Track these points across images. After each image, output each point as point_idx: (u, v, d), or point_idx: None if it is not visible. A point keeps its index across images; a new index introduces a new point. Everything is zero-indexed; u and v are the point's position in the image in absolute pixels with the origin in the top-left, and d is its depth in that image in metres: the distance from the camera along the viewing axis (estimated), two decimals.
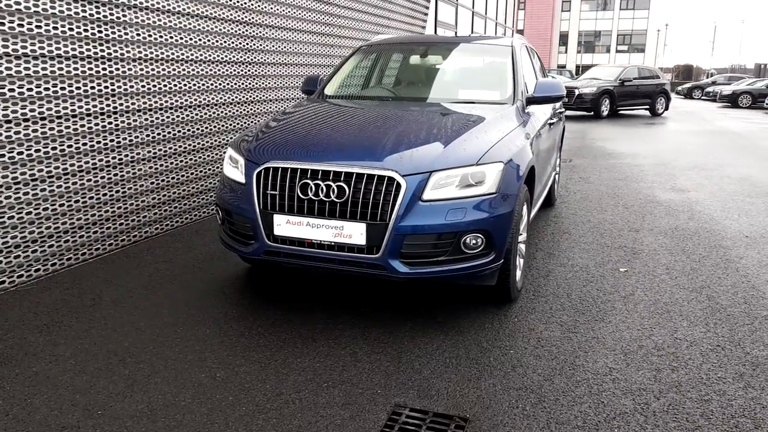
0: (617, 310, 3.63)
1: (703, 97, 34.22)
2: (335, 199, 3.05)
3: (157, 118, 4.91)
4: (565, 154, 10.27)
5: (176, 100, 5.09)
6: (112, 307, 3.52)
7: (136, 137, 4.71)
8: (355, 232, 3.05)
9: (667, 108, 20.43)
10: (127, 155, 4.63)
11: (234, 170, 3.48)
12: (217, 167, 5.71)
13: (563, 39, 73.53)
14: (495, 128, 3.58)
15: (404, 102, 4.32)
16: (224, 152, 5.74)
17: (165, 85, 4.95)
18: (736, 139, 13.28)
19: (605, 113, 18.70)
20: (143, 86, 4.73)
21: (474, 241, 3.13)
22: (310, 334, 3.21)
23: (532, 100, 4.28)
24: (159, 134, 4.94)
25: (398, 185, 3.01)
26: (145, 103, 4.76)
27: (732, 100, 26.91)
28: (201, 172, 5.50)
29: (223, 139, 5.77)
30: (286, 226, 3.15)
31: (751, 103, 26.40)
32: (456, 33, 17.36)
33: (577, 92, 18.23)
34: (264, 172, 3.22)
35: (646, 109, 20.08)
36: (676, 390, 2.74)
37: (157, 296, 3.71)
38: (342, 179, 3.07)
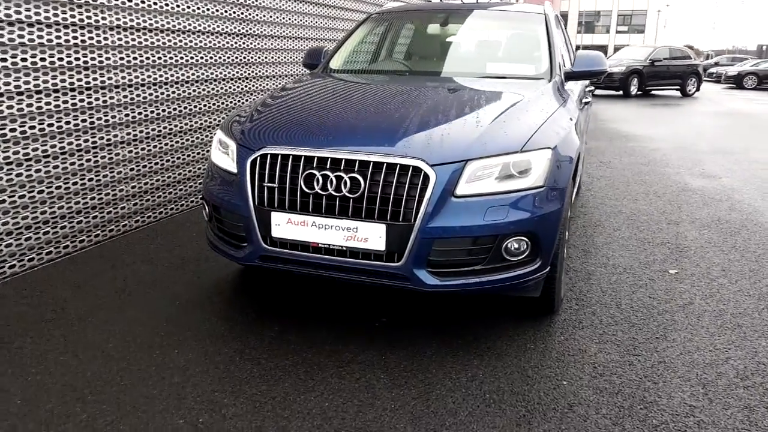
0: (679, 323, 3.05)
1: (705, 78, 33.54)
2: (348, 194, 2.45)
3: (138, 96, 4.26)
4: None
5: (160, 75, 4.44)
6: (76, 323, 2.92)
7: (113, 117, 4.07)
8: (372, 235, 2.45)
9: (698, 89, 20.07)
10: (102, 138, 3.99)
11: (224, 157, 2.87)
12: (207, 150, 5.08)
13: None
14: (536, 108, 2.98)
15: (423, 77, 3.69)
16: (214, 135, 5.11)
17: (147, 58, 4.30)
18: (750, 120, 12.71)
19: (634, 92, 18.99)
20: (122, 59, 4.08)
21: (517, 246, 2.54)
22: (315, 359, 2.63)
23: (571, 76, 3.67)
24: (140, 114, 4.30)
25: (426, 177, 2.41)
26: (123, 78, 4.11)
27: (737, 81, 26.32)
28: (188, 156, 4.87)
29: (215, 120, 5.14)
30: (286, 226, 2.56)
31: (757, 84, 25.81)
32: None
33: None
34: (260, 160, 2.61)
35: (676, 89, 19.79)
36: None
37: (133, 307, 3.11)
38: (356, 169, 2.46)
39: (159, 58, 4.42)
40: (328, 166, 2.49)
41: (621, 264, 3.87)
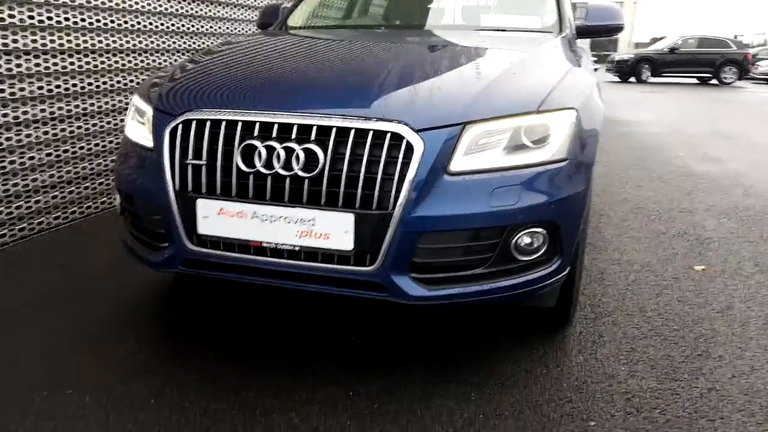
0: (721, 334, 2.45)
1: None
2: (301, 173, 1.78)
3: (52, 66, 3.50)
4: None
5: (78, 41, 3.68)
6: None
7: (21, 91, 3.31)
8: (335, 230, 1.78)
9: (740, 78, 20.13)
10: (6, 116, 3.24)
11: (140, 128, 2.18)
12: None
13: None
14: (551, 62, 2.33)
15: (404, 32, 3.02)
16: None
17: (59, 21, 3.53)
18: (734, 105, 12.32)
19: (646, 78, 20.04)
20: (26, 19, 3.32)
21: (530, 241, 1.89)
22: (258, 400, 1.94)
23: (584, 30, 3.02)
24: (55, 88, 3.53)
25: (409, 147, 1.74)
26: (31, 42, 3.35)
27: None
28: (116, 140, 4.12)
29: None
30: (218, 218, 1.87)
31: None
32: None
33: (617, 58, 20.75)
34: (182, 129, 1.92)
35: (708, 76, 20.15)
36: None
37: (32, 328, 2.40)
38: (313, 137, 1.79)
39: (75, 21, 3.65)
40: (274, 135, 1.81)
41: (637, 260, 3.25)
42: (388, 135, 1.75)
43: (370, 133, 1.75)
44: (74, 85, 3.63)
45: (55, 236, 3.46)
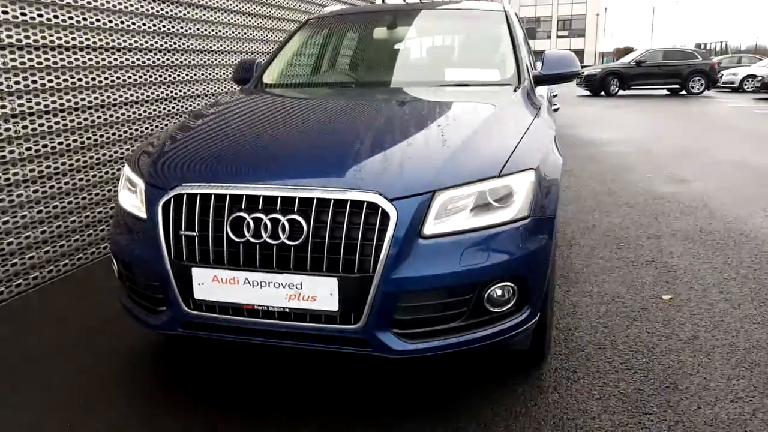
0: (688, 365, 2.61)
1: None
2: (287, 241, 1.92)
3: (40, 126, 3.61)
4: None
5: (66, 100, 3.80)
6: None
7: (11, 153, 3.42)
8: (321, 292, 1.92)
9: (708, 88, 20.80)
10: None
11: (132, 198, 2.30)
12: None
13: None
14: (512, 120, 2.51)
15: (373, 89, 3.19)
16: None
17: (50, 81, 3.65)
18: (700, 119, 12.71)
19: (615, 91, 20.85)
20: (17, 82, 3.44)
21: (502, 294, 2.05)
22: None
23: (541, 80, 3.21)
24: (44, 146, 3.65)
25: (385, 215, 1.89)
26: (19, 105, 3.46)
27: None
28: (107, 191, 4.23)
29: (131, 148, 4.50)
30: (212, 285, 2.00)
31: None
32: None
33: (585, 73, 21.44)
34: (174, 203, 2.05)
35: (676, 88, 20.88)
36: None
37: (27, 389, 2.49)
38: (296, 209, 1.93)
39: (64, 79, 3.78)
40: (260, 207, 1.95)
41: (607, 291, 3.43)
42: (365, 204, 1.89)
43: (349, 203, 1.90)
44: (60, 143, 3.74)
45: (50, 290, 3.54)
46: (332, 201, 1.91)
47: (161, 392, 2.45)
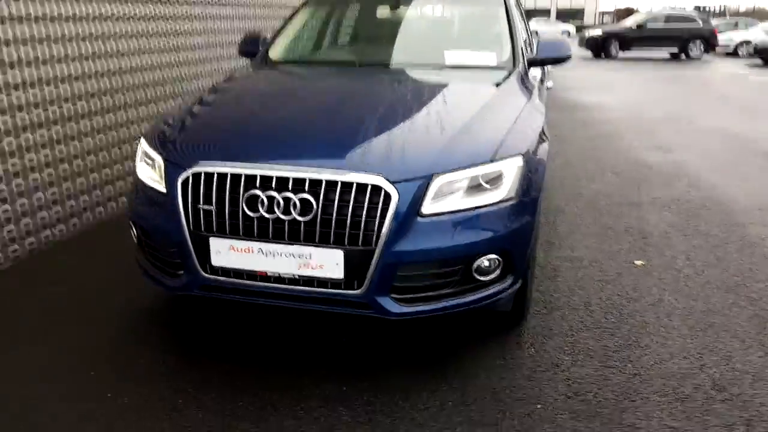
0: (651, 326, 2.93)
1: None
2: (298, 217, 2.18)
3: (50, 92, 3.81)
4: None
5: (71, 68, 3.98)
6: None
7: (24, 119, 3.62)
8: (328, 262, 2.19)
9: (707, 52, 20.98)
10: (10, 142, 3.56)
11: (150, 172, 2.54)
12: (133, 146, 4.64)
13: None
14: (504, 106, 2.75)
15: (377, 69, 3.39)
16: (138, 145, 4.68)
17: (50, 50, 3.83)
18: (694, 84, 12.89)
19: (615, 54, 21.09)
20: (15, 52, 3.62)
21: (489, 265, 2.33)
22: (269, 397, 2.37)
23: (534, 62, 3.44)
24: (54, 112, 3.85)
25: (387, 196, 2.15)
26: (21, 75, 3.65)
27: None
28: (114, 155, 4.44)
29: (139, 115, 4.69)
30: (228, 253, 2.27)
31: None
32: None
33: (587, 35, 22.15)
34: (193, 180, 2.29)
35: (676, 52, 21.02)
36: None
37: (55, 341, 2.78)
38: (307, 189, 2.18)
39: (64, 49, 3.95)
40: (273, 186, 2.20)
41: (586, 256, 3.73)
42: (370, 186, 2.15)
43: (355, 185, 2.16)
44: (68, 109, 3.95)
45: (60, 250, 3.81)
46: (340, 182, 2.16)
47: (177, 347, 2.75)
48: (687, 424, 2.25)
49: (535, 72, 3.66)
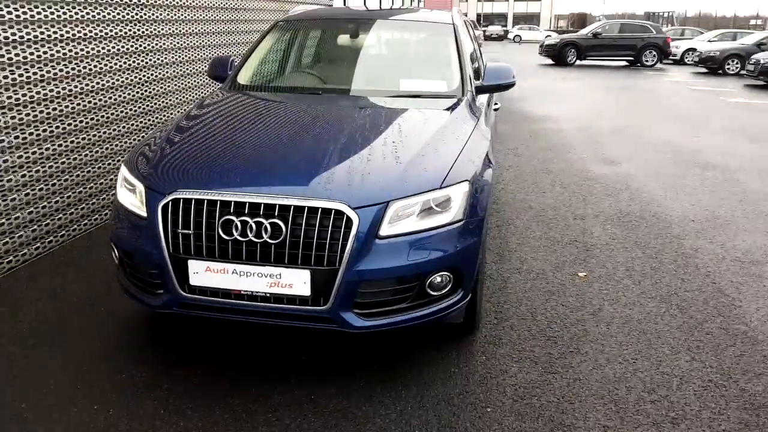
0: (591, 334, 3.22)
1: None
2: (269, 240, 2.39)
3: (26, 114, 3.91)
4: None
5: (45, 90, 4.09)
6: None
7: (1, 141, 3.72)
8: (296, 281, 2.41)
9: (660, 61, 21.88)
10: None
11: (131, 197, 2.71)
12: (115, 162, 4.76)
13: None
14: (453, 134, 3.00)
15: (338, 96, 3.63)
16: (119, 171, 4.79)
17: (20, 72, 3.94)
18: (644, 94, 13.48)
19: (571, 61, 22.03)
20: None
21: (440, 281, 2.58)
22: (243, 405, 2.57)
23: (481, 90, 3.73)
24: (38, 132, 3.95)
25: (349, 220, 2.38)
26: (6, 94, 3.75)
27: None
28: (98, 168, 4.55)
29: (117, 129, 4.81)
30: (205, 274, 2.46)
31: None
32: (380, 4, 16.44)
33: (545, 42, 23.13)
34: (172, 205, 2.48)
35: (630, 60, 21.86)
36: None
37: (42, 355, 2.91)
38: (276, 214, 2.39)
39: (34, 72, 4.06)
40: (246, 211, 2.40)
41: (534, 268, 4.02)
42: (333, 212, 2.37)
43: (320, 210, 2.38)
44: (45, 131, 4.05)
45: (40, 266, 3.91)
46: (306, 208, 2.38)
47: (157, 358, 2.91)
48: (620, 423, 2.53)
49: (482, 98, 3.95)
